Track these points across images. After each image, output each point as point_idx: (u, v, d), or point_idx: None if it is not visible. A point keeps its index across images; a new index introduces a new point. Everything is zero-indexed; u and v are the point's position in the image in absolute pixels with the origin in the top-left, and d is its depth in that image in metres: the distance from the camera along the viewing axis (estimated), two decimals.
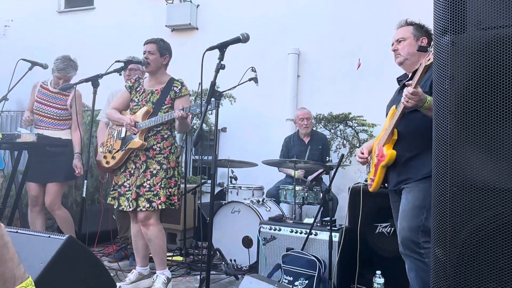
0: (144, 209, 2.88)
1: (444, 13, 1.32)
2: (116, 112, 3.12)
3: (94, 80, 2.85)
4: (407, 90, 2.03)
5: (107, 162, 3.12)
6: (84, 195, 2.83)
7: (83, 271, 2.22)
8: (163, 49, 3.04)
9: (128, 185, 2.99)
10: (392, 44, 2.44)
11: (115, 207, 3.04)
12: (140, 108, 3.02)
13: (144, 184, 2.91)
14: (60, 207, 3.63)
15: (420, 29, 2.38)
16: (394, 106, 2.35)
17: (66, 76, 3.62)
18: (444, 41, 1.32)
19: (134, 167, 3.00)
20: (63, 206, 3.69)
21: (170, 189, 2.96)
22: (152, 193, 2.89)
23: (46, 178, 3.57)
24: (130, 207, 2.89)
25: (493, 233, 1.20)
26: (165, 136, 3.02)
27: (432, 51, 1.96)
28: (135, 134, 2.97)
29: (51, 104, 3.65)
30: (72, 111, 3.64)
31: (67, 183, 3.71)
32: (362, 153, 2.52)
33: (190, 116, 2.94)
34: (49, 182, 3.57)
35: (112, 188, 3.11)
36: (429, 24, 1.98)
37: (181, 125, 2.95)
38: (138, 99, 3.07)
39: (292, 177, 4.06)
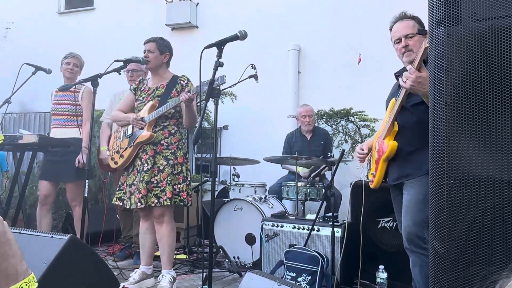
0: (153, 205, 2.89)
1: (438, 5, 1.31)
2: (121, 113, 3.13)
3: (94, 80, 2.86)
4: (407, 68, 1.99)
5: (115, 163, 3.09)
6: (86, 195, 2.84)
7: (86, 271, 2.23)
8: (162, 46, 3.05)
9: (136, 183, 2.95)
10: (398, 40, 2.26)
11: (127, 207, 2.99)
12: (145, 104, 3.02)
13: (152, 180, 2.90)
14: (81, 204, 3.65)
15: (420, 22, 2.31)
16: (394, 99, 2.31)
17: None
18: (439, 33, 1.31)
19: (140, 163, 2.96)
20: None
21: (178, 185, 2.94)
22: (160, 189, 2.89)
23: (58, 176, 3.67)
24: (141, 204, 2.85)
25: (490, 225, 1.20)
26: (172, 131, 3.01)
27: None
28: (142, 128, 2.96)
29: (64, 101, 3.78)
30: (83, 106, 3.75)
31: (82, 181, 3.77)
32: (362, 149, 2.47)
33: (196, 104, 2.92)
34: (61, 181, 3.68)
35: (118, 188, 3.08)
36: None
37: (188, 114, 2.89)
38: (142, 97, 3.07)
39: (295, 173, 4.06)
